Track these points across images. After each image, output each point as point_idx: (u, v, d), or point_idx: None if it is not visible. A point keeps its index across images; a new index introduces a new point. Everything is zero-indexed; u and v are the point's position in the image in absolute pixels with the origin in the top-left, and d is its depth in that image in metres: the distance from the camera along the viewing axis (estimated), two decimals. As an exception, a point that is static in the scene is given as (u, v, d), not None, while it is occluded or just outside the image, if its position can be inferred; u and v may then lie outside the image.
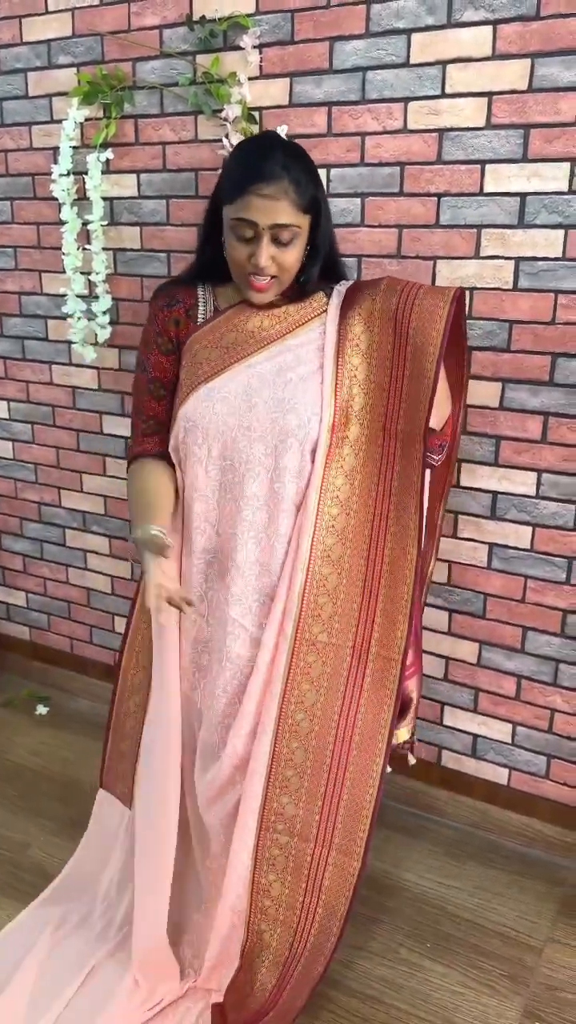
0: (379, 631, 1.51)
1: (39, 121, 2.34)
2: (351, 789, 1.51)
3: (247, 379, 1.50)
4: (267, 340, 1.52)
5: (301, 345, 1.52)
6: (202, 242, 1.58)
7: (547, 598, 1.99)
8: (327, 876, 1.53)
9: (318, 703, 1.51)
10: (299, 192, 1.41)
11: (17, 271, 2.53)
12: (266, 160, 1.40)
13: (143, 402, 1.62)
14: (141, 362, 1.62)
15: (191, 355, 1.54)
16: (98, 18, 2.16)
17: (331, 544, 1.50)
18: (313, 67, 1.93)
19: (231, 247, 1.46)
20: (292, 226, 1.42)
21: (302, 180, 1.42)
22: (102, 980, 1.71)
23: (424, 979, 1.77)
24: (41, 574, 2.81)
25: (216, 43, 2.01)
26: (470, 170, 1.83)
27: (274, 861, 1.54)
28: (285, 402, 1.48)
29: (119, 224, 2.30)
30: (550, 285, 1.82)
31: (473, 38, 1.76)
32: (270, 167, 1.39)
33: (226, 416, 1.49)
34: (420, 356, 1.48)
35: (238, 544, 1.53)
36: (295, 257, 1.47)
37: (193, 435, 1.52)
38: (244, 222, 1.41)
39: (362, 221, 1.97)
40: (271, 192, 1.38)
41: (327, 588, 1.51)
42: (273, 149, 1.43)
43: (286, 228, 1.42)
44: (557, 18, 1.68)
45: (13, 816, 2.24)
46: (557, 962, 1.82)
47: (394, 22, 1.82)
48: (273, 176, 1.39)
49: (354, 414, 1.51)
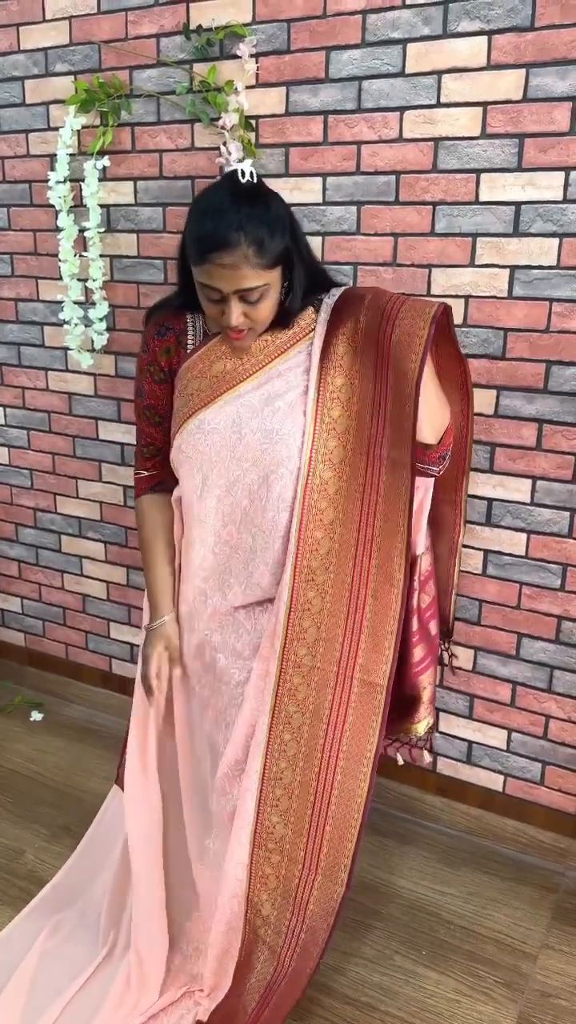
0: (363, 657, 1.49)
1: (36, 128, 2.35)
2: (336, 814, 1.50)
3: (236, 410, 1.49)
4: (256, 367, 1.51)
5: (289, 369, 1.51)
6: (181, 277, 1.53)
7: (542, 604, 1.99)
8: (312, 900, 1.52)
9: (304, 725, 1.51)
10: (261, 253, 1.35)
11: (14, 278, 2.53)
12: (220, 226, 1.33)
13: (141, 427, 1.66)
14: (137, 388, 1.63)
15: (182, 385, 1.55)
16: (95, 26, 2.17)
17: (315, 567, 1.49)
18: (309, 76, 1.94)
19: (203, 304, 1.44)
20: (258, 287, 1.38)
21: (264, 238, 1.34)
22: (96, 987, 1.71)
23: (419, 986, 1.77)
24: (36, 580, 2.81)
25: (213, 52, 2.03)
26: (465, 179, 1.84)
27: (266, 879, 1.53)
28: (273, 432, 1.47)
29: (116, 231, 2.31)
30: (545, 293, 1.83)
31: (468, 48, 1.77)
32: (225, 235, 1.33)
33: (218, 447, 1.50)
34: (401, 381, 1.44)
35: (237, 564, 1.55)
36: (268, 308, 1.44)
37: (186, 465, 1.54)
38: (209, 287, 1.39)
39: (358, 229, 1.98)
40: (231, 262, 1.33)
41: (311, 611, 1.50)
42: (226, 210, 1.35)
43: (252, 290, 1.38)
44: (551, 29, 1.70)
45: (7, 823, 2.24)
46: (552, 969, 1.82)
47: (390, 32, 1.83)
48: (229, 243, 1.32)
49: (337, 436, 1.48)
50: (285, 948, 1.54)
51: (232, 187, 1.40)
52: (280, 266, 1.41)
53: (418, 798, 2.24)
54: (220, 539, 1.56)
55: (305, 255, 1.49)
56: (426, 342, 1.41)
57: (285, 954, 1.55)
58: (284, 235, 1.39)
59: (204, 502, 1.54)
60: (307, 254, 1.51)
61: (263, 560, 1.53)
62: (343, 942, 1.86)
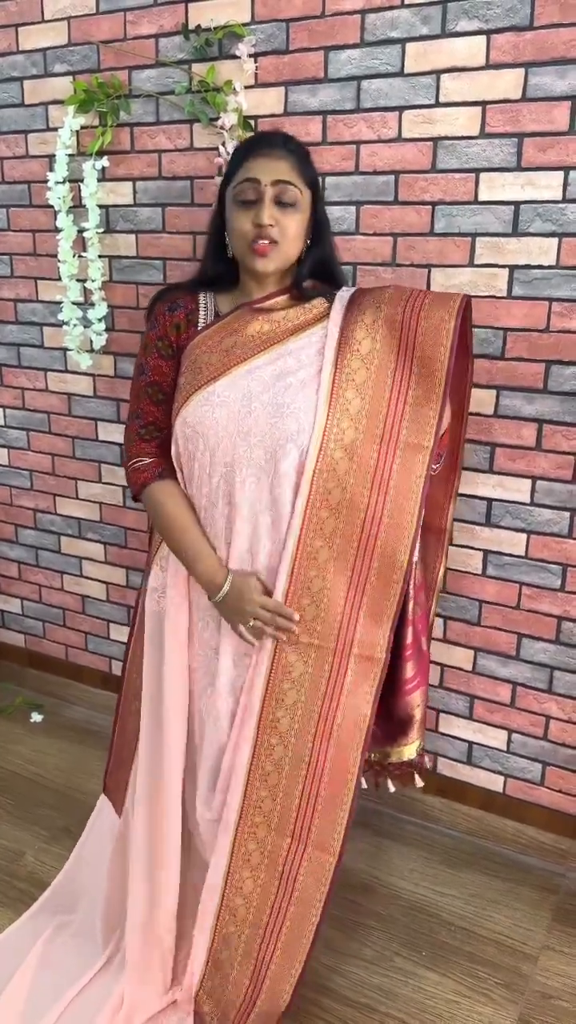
0: (361, 632, 1.51)
1: (35, 129, 2.35)
2: (329, 784, 1.51)
3: (247, 383, 1.50)
4: (267, 343, 1.52)
5: (302, 348, 1.52)
6: (207, 251, 1.60)
7: (542, 605, 1.99)
8: (301, 872, 1.53)
9: (299, 702, 1.51)
10: (299, 160, 1.49)
11: (13, 278, 2.53)
12: (269, 134, 1.56)
13: (141, 405, 1.62)
14: (140, 366, 1.62)
15: (191, 360, 1.54)
16: (94, 27, 2.17)
17: (319, 547, 1.49)
18: (308, 76, 1.94)
19: (234, 220, 1.49)
20: (293, 185, 1.46)
21: (300, 153, 1.51)
22: (92, 996, 1.70)
23: (419, 987, 1.77)
24: (36, 581, 2.81)
25: (212, 52, 2.02)
26: (464, 179, 1.84)
27: (249, 856, 1.54)
28: (284, 407, 1.47)
29: (115, 232, 2.31)
30: (544, 293, 1.82)
31: (467, 48, 1.77)
32: (272, 137, 1.53)
33: (225, 421, 1.49)
34: (427, 374, 1.49)
35: (242, 549, 1.53)
36: (297, 225, 1.49)
37: (193, 441, 1.52)
38: (247, 182, 1.46)
39: (357, 229, 1.97)
40: (272, 153, 1.47)
41: (311, 591, 1.50)
42: (275, 132, 1.61)
43: (288, 187, 1.46)
44: (550, 28, 1.69)
45: (7, 824, 2.23)
46: (552, 970, 1.81)
47: (388, 32, 1.83)
48: (274, 143, 1.49)
49: (349, 417, 1.50)
50: (271, 924, 1.55)
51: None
52: (311, 193, 1.51)
53: (418, 799, 2.24)
54: (228, 520, 1.54)
55: (327, 224, 1.60)
56: (453, 332, 1.48)
57: (272, 929, 1.55)
58: (315, 172, 1.54)
59: (211, 480, 1.53)
60: (328, 227, 1.61)
61: (271, 538, 1.52)
62: (343, 943, 1.86)
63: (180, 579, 1.62)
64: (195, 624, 1.63)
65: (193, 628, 1.63)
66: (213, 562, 1.55)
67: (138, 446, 1.63)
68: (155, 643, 1.65)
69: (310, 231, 1.54)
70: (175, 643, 1.62)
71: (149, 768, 1.68)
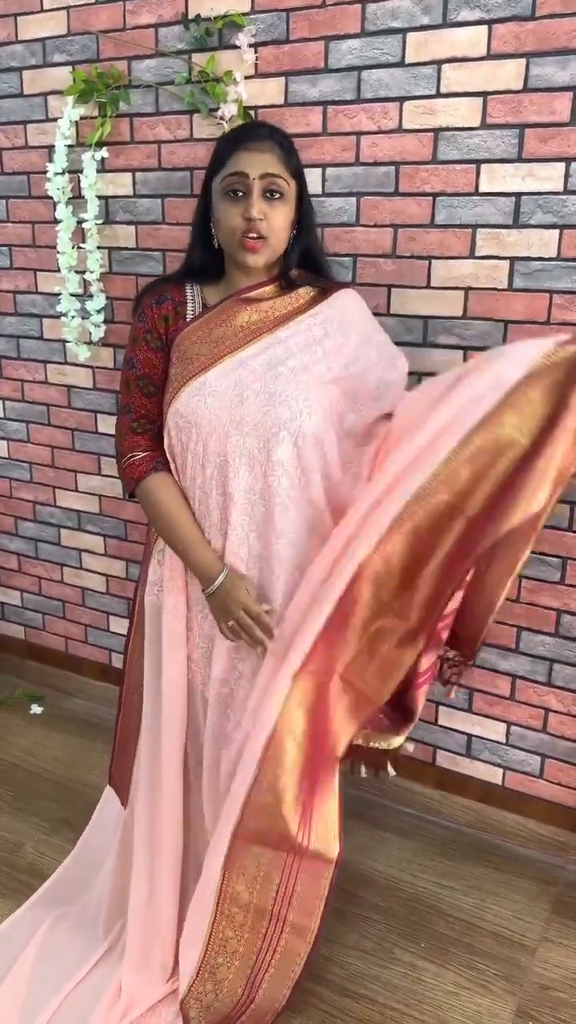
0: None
1: (34, 119, 2.34)
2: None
3: (238, 373, 1.49)
4: (257, 333, 1.52)
5: (291, 337, 1.52)
6: (192, 242, 1.59)
7: (542, 598, 1.99)
8: (299, 882, 1.51)
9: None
10: (285, 151, 1.48)
11: (12, 270, 2.52)
12: (253, 126, 1.54)
13: (132, 399, 1.61)
14: (129, 359, 1.61)
15: (181, 351, 1.54)
16: (93, 16, 2.16)
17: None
18: (308, 66, 1.93)
19: (222, 212, 1.48)
20: (280, 178, 1.46)
21: (286, 145, 1.49)
22: (91, 986, 1.70)
23: (418, 979, 1.77)
24: (36, 573, 2.81)
25: (211, 42, 2.01)
26: (465, 170, 1.83)
27: (244, 869, 1.52)
28: (276, 395, 1.47)
29: (114, 223, 2.30)
30: (545, 285, 1.82)
31: (468, 38, 1.76)
32: (257, 129, 1.51)
33: (218, 411, 1.49)
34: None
35: (238, 540, 1.53)
36: (284, 217, 1.48)
37: (187, 432, 1.52)
38: (234, 176, 1.45)
39: (357, 221, 1.97)
40: (259, 146, 1.46)
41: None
42: (258, 122, 1.58)
43: (275, 179, 1.45)
44: (552, 18, 1.68)
45: (7, 816, 2.24)
46: (551, 961, 1.82)
47: (389, 22, 1.82)
48: (259, 135, 1.48)
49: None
50: (272, 928, 1.54)
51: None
52: (296, 183, 1.50)
53: (417, 791, 2.24)
54: (222, 509, 1.54)
55: (312, 212, 1.58)
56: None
57: (271, 933, 1.54)
58: (299, 163, 1.52)
59: (205, 471, 1.53)
60: (313, 215, 1.59)
61: (266, 528, 1.52)
62: (342, 934, 1.86)
63: (178, 572, 1.62)
64: (194, 616, 1.63)
65: (192, 620, 1.63)
66: (209, 555, 1.54)
67: (131, 440, 1.61)
68: (154, 636, 1.66)
69: (296, 221, 1.53)
70: (173, 635, 1.63)
71: (150, 760, 1.69)
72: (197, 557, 1.55)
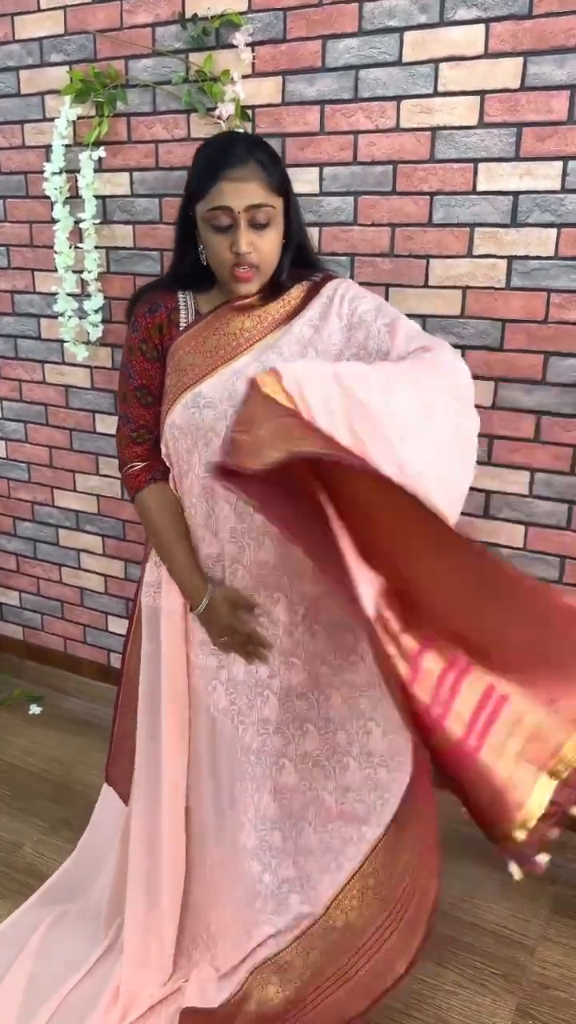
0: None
1: (31, 119, 2.34)
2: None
3: (233, 383, 1.48)
4: (251, 341, 1.50)
5: (284, 342, 1.50)
6: (178, 253, 1.55)
7: (540, 597, 1.99)
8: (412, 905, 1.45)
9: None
10: (267, 172, 1.41)
11: (9, 270, 2.52)
12: (230, 147, 1.42)
13: (130, 409, 1.60)
14: (126, 370, 1.60)
15: (175, 361, 1.53)
16: (90, 16, 2.16)
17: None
18: (306, 65, 1.93)
19: (209, 244, 1.45)
20: (266, 206, 1.41)
21: (267, 162, 1.42)
22: (90, 985, 1.70)
23: (417, 977, 1.77)
24: (34, 573, 2.81)
25: (209, 41, 2.01)
26: (463, 169, 1.83)
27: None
28: None
29: (112, 222, 2.30)
30: (543, 284, 1.82)
31: (465, 36, 1.76)
32: (235, 152, 1.41)
33: (212, 421, 1.48)
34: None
35: (240, 546, 1.53)
36: (274, 242, 1.45)
37: (183, 442, 1.52)
38: (219, 210, 1.40)
39: (355, 220, 1.97)
40: (241, 175, 1.39)
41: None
42: (234, 139, 1.45)
43: (261, 208, 1.40)
44: (549, 16, 1.68)
45: (5, 816, 2.24)
46: (550, 960, 1.82)
47: (386, 20, 1.82)
48: (240, 159, 1.40)
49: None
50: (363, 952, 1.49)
51: (237, 132, 1.55)
52: (282, 199, 1.44)
53: (416, 790, 2.24)
54: (220, 517, 1.53)
55: (299, 214, 1.53)
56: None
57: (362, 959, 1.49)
58: (283, 171, 1.46)
59: (202, 480, 1.52)
60: (299, 211, 1.53)
61: (265, 533, 1.51)
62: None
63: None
64: (191, 620, 1.63)
65: (189, 624, 1.63)
66: (195, 580, 1.56)
67: (131, 450, 1.61)
68: (152, 637, 1.65)
69: (285, 230, 1.49)
70: (172, 637, 1.62)
71: (147, 759, 1.68)
72: (184, 581, 1.58)
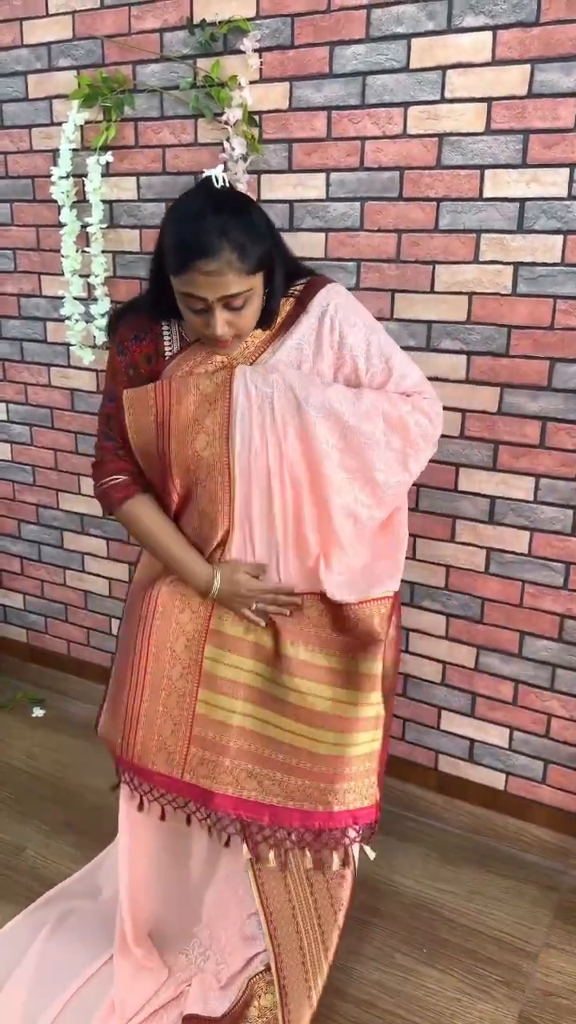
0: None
1: (39, 123, 2.35)
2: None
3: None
4: (237, 363, 1.47)
5: (278, 360, 1.48)
6: (154, 287, 1.47)
7: (544, 603, 1.99)
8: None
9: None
10: (243, 258, 1.31)
11: (16, 273, 2.53)
12: (202, 232, 1.30)
13: (114, 428, 1.56)
14: (109, 392, 1.56)
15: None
16: (99, 21, 2.17)
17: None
18: (313, 71, 1.93)
19: (185, 314, 1.41)
20: (242, 293, 1.34)
21: (245, 244, 1.31)
22: (92, 992, 1.69)
23: (420, 984, 1.77)
24: (39, 576, 2.81)
25: (216, 47, 2.02)
26: (469, 175, 1.84)
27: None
28: None
29: (118, 227, 2.30)
30: (549, 290, 1.82)
31: (473, 43, 1.76)
32: (207, 240, 1.30)
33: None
34: None
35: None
36: (252, 314, 1.40)
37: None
38: (192, 297, 1.34)
39: (361, 225, 1.97)
40: (214, 268, 1.30)
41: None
42: (206, 215, 1.32)
43: (236, 296, 1.35)
44: (557, 24, 1.69)
45: (8, 819, 2.24)
46: (553, 967, 1.81)
47: (394, 27, 1.83)
48: (212, 250, 1.29)
49: None
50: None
51: (208, 193, 1.36)
52: (261, 273, 1.38)
53: (420, 796, 2.24)
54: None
55: (284, 257, 1.46)
56: None
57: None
58: (264, 240, 1.36)
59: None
60: (286, 256, 1.48)
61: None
62: (343, 939, 1.85)
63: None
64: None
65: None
66: (199, 566, 1.54)
67: (115, 464, 1.58)
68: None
69: (267, 282, 1.42)
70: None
71: None
72: (192, 572, 1.55)
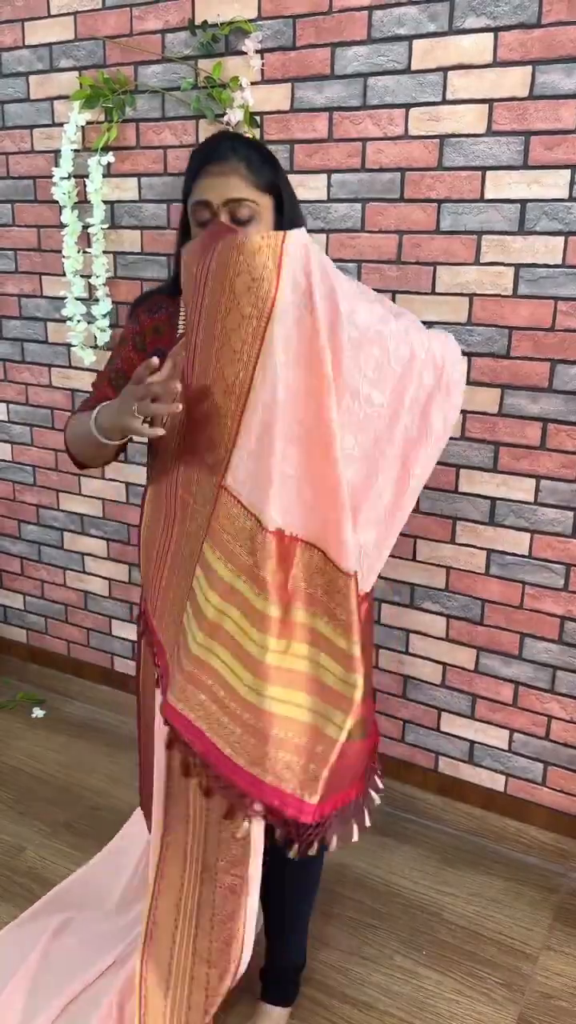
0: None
1: (41, 124, 2.35)
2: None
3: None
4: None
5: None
6: (177, 258, 1.51)
7: (545, 604, 1.99)
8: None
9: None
10: (250, 169, 1.37)
11: (17, 274, 2.53)
12: (215, 144, 1.40)
13: (100, 388, 1.60)
14: (112, 358, 1.61)
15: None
16: (100, 22, 2.17)
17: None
18: (315, 73, 1.93)
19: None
20: (247, 200, 1.36)
21: (254, 159, 1.38)
22: (87, 1000, 1.68)
23: (419, 986, 1.77)
24: (39, 577, 2.81)
25: (218, 48, 2.02)
26: (470, 176, 1.84)
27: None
28: None
29: (120, 227, 2.30)
30: (550, 292, 1.82)
31: (474, 45, 1.77)
32: (219, 148, 1.39)
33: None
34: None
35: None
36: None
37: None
38: (199, 204, 1.39)
39: (362, 227, 1.97)
40: (221, 169, 1.36)
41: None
42: (223, 137, 1.43)
43: (241, 203, 1.36)
44: (558, 26, 1.69)
45: (8, 819, 2.23)
46: (552, 970, 1.81)
47: (396, 29, 1.83)
48: (221, 155, 1.37)
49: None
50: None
51: (229, 131, 1.49)
52: (270, 197, 1.40)
53: (419, 797, 2.24)
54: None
55: (293, 201, 1.47)
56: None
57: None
58: (274, 168, 1.41)
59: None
60: (295, 202, 1.48)
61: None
62: (342, 941, 1.86)
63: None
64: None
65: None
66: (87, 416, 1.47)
67: (101, 392, 1.62)
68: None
69: (276, 219, 1.43)
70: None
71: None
72: (90, 427, 1.45)
